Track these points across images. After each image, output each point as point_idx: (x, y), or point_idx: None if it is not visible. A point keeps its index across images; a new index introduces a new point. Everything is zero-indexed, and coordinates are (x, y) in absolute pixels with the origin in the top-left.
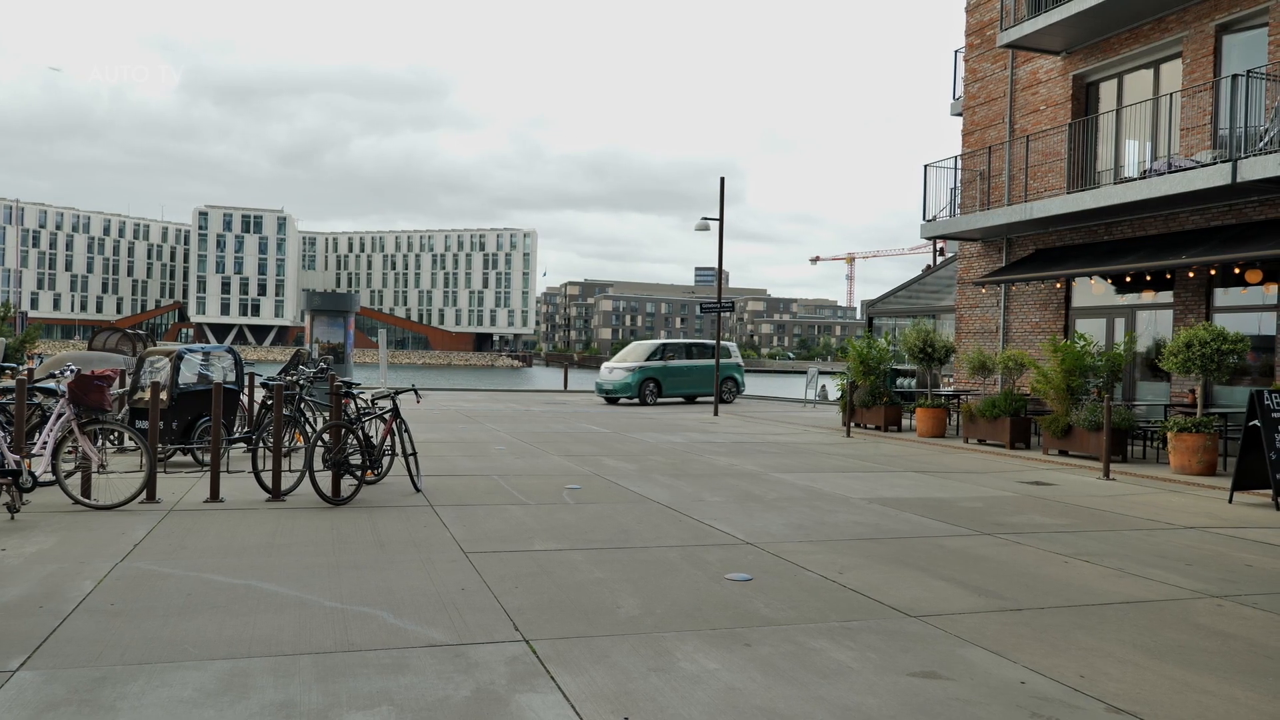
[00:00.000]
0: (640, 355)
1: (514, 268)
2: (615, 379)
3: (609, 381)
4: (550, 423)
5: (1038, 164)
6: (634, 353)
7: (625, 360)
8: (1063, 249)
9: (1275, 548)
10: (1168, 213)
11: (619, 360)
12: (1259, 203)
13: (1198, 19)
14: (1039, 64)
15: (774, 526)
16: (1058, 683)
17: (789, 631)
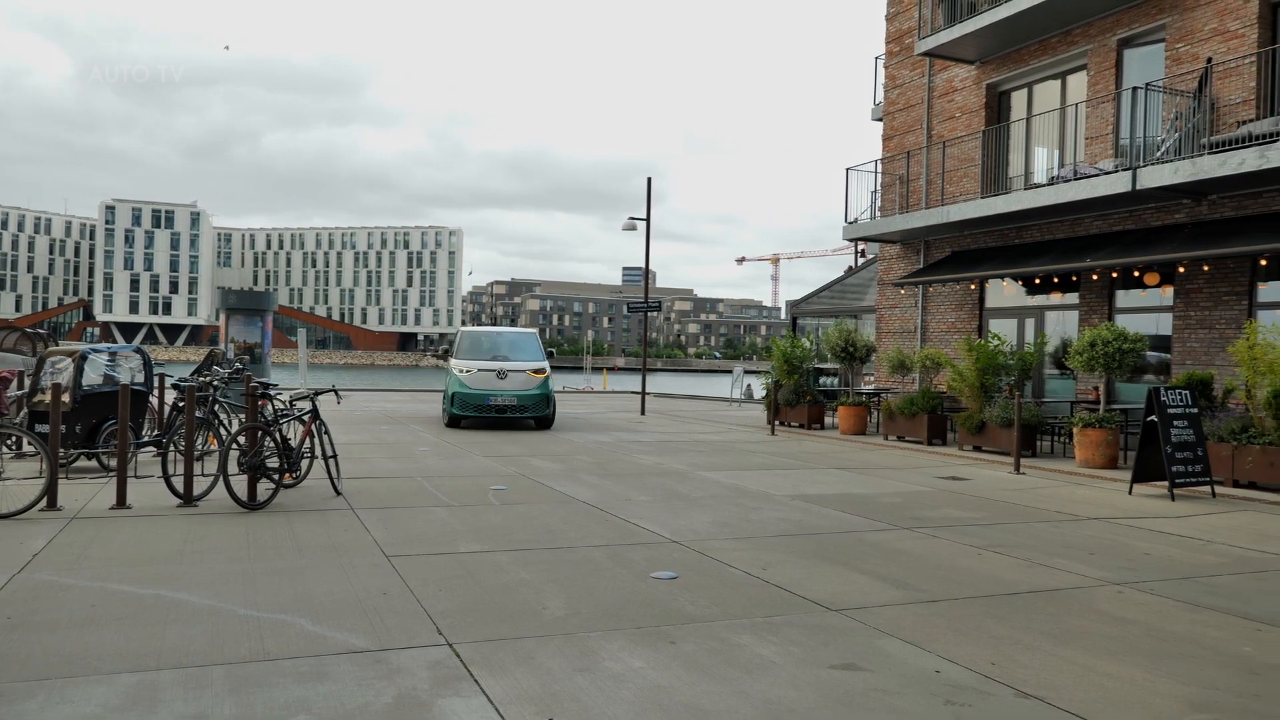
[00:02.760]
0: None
1: (439, 266)
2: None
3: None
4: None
5: (954, 169)
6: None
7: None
8: (977, 251)
9: (1170, 536)
10: (1074, 218)
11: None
12: (1157, 209)
13: (1101, 33)
14: (955, 72)
15: (699, 524)
16: (970, 670)
17: (714, 628)
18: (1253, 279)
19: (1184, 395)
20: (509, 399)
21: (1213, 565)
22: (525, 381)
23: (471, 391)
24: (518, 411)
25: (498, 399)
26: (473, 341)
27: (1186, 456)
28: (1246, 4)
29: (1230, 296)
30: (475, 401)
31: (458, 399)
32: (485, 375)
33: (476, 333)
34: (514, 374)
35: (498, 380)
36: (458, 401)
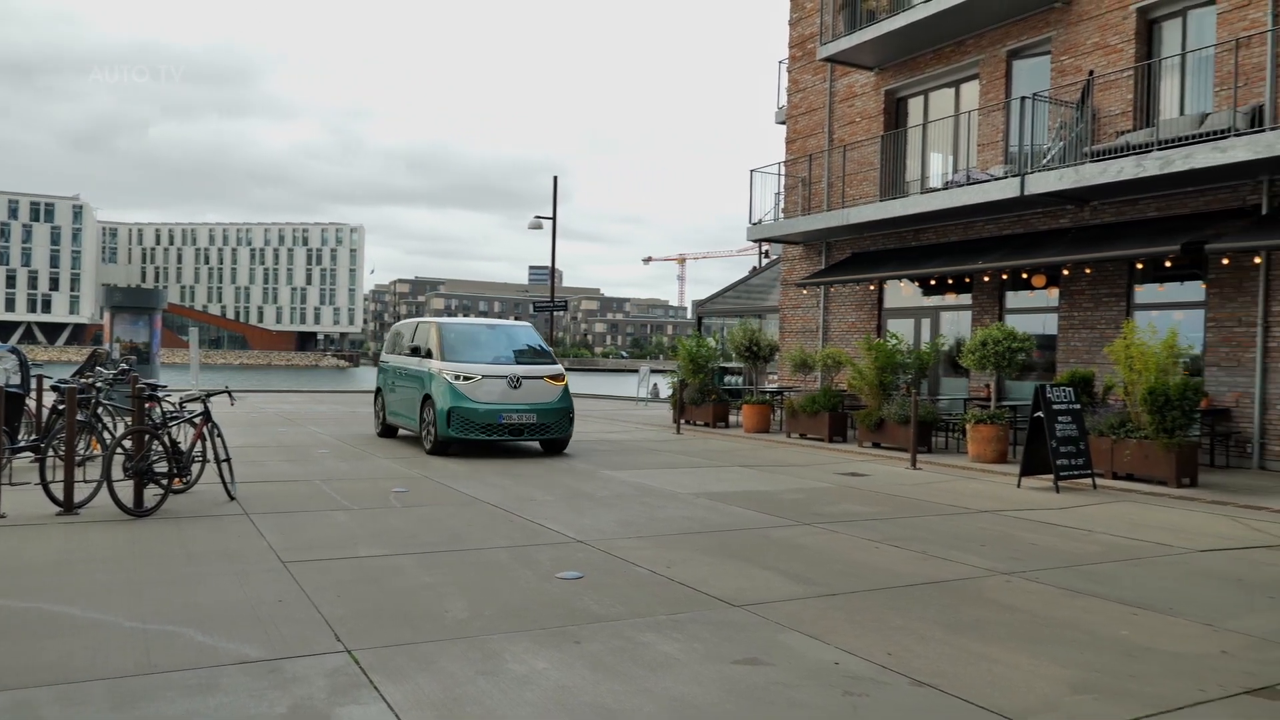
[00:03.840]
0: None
1: (340, 264)
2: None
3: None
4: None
5: (854, 172)
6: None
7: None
8: (876, 253)
9: (1055, 527)
10: (967, 221)
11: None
12: (1044, 214)
13: (992, 44)
14: (855, 78)
15: (605, 524)
16: (868, 661)
17: (618, 627)
18: (1130, 281)
19: (1068, 392)
20: (527, 415)
21: (1093, 554)
22: (544, 391)
23: (478, 406)
24: (538, 431)
25: (513, 415)
26: (462, 337)
27: (1070, 450)
28: (1125, 20)
29: (1110, 298)
30: (483, 419)
31: (457, 416)
32: (494, 384)
33: (463, 326)
34: (531, 381)
35: (511, 390)
36: (457, 419)
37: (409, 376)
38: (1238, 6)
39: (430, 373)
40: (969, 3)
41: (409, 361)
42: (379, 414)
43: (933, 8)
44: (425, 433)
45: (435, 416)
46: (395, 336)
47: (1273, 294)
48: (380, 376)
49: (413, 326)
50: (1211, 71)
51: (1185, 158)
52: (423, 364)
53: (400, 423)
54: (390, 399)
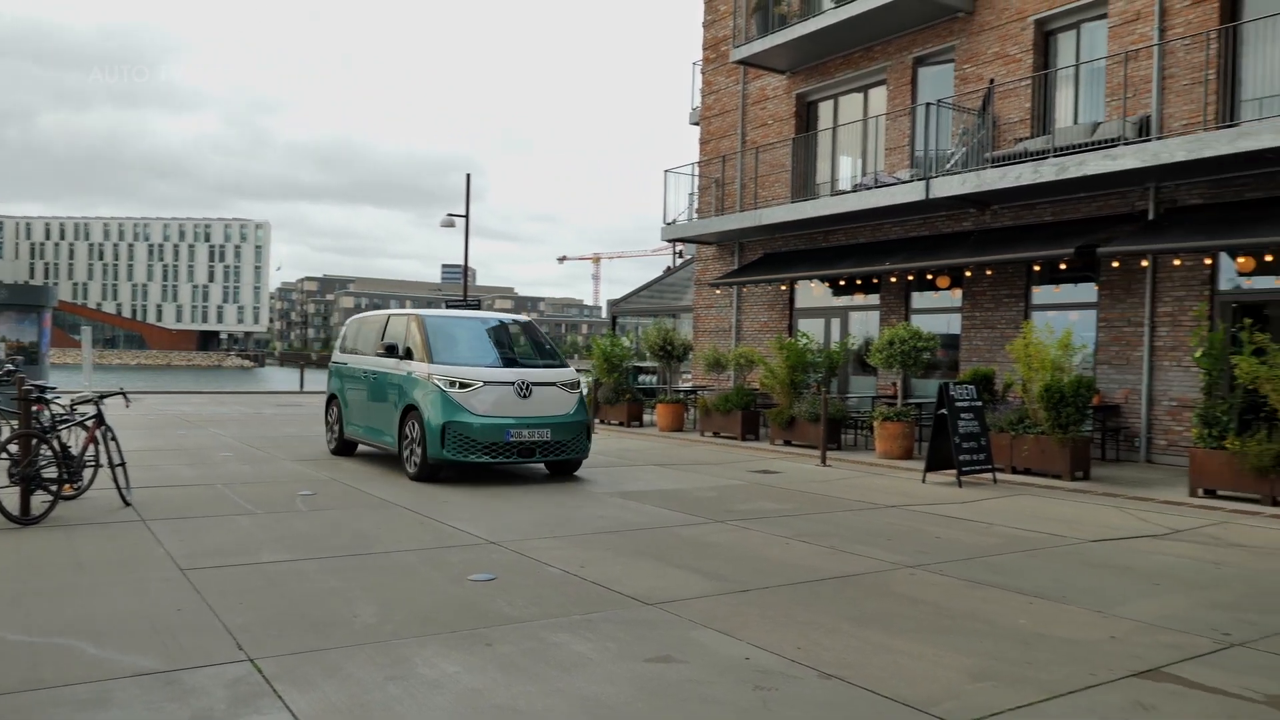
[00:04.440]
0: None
1: (244, 261)
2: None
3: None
4: (283, 426)
5: (766, 174)
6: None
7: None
8: (788, 254)
9: (957, 520)
10: (875, 223)
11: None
12: (948, 217)
13: (899, 51)
14: (767, 81)
15: (518, 524)
16: (778, 656)
17: (531, 628)
18: (1028, 283)
19: (970, 390)
20: (539, 431)
21: (993, 546)
22: (558, 401)
23: (479, 420)
24: (552, 451)
25: (522, 432)
26: (451, 333)
27: (972, 446)
28: (1023, 31)
29: (1010, 298)
30: (485, 437)
31: (454, 433)
32: (498, 392)
33: (451, 320)
34: (542, 390)
35: (519, 400)
36: (453, 438)
37: (380, 383)
38: (1127, 21)
39: (414, 378)
40: (876, 11)
41: (380, 364)
42: (332, 426)
43: (841, 14)
44: (407, 453)
45: (424, 433)
46: (356, 332)
47: (1159, 296)
48: (334, 381)
49: (381, 321)
50: (1103, 83)
51: (1079, 165)
52: (401, 367)
53: (365, 438)
54: (351, 409)
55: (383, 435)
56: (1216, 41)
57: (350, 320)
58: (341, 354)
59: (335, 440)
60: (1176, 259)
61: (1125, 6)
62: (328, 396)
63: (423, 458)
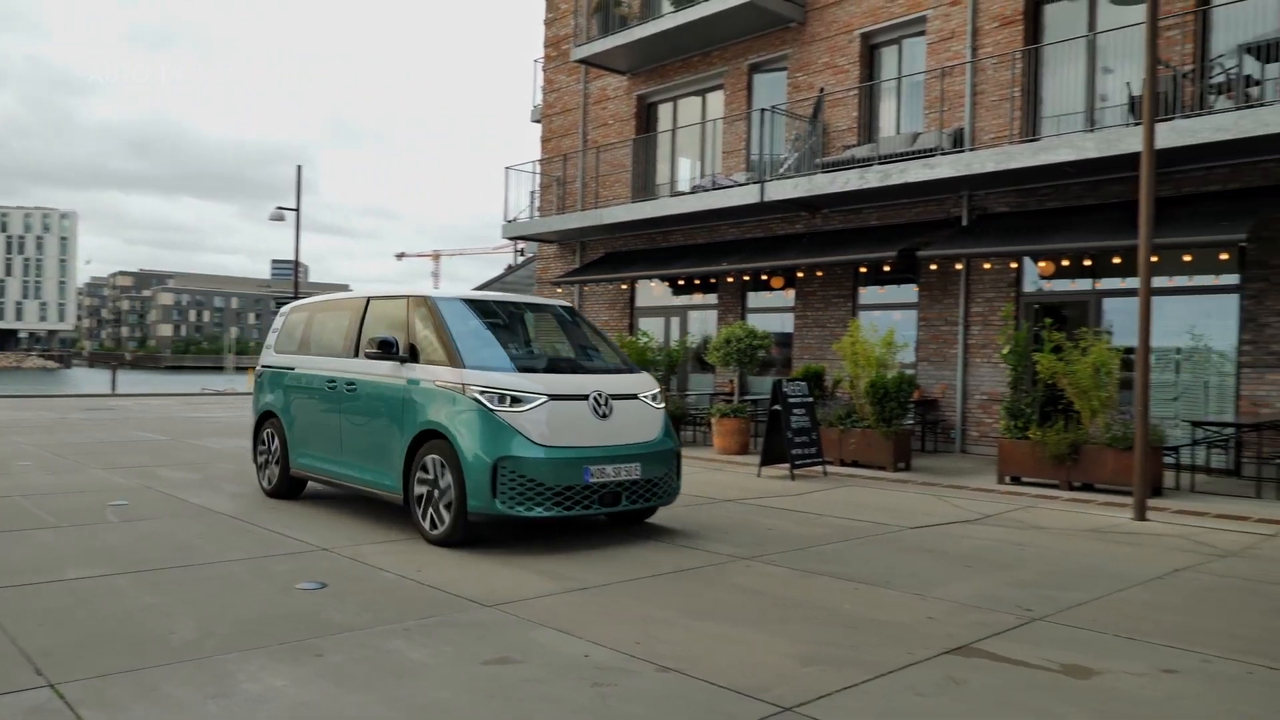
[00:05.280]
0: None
1: (47, 254)
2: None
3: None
4: (93, 431)
5: (607, 174)
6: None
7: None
8: (629, 253)
9: (791, 512)
10: (713, 224)
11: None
12: (781, 219)
13: (735, 57)
14: (608, 81)
15: (351, 530)
16: (617, 651)
17: (364, 636)
18: (856, 284)
19: (801, 386)
20: (627, 467)
21: (823, 535)
22: (643, 420)
23: (546, 454)
24: (642, 495)
25: (605, 469)
26: (481, 324)
27: (804, 440)
28: (850, 44)
29: (839, 299)
30: (556, 478)
31: (510, 474)
32: (569, 412)
33: (474, 306)
34: (624, 406)
35: (597, 421)
36: (509, 480)
37: (366, 397)
38: (943, 39)
39: (433, 390)
40: (712, 17)
41: (363, 370)
42: (269, 458)
43: (679, 19)
44: (427, 506)
45: (459, 474)
46: (305, 325)
47: (972, 297)
48: (270, 394)
49: (354, 307)
50: (923, 95)
51: (901, 172)
52: (404, 373)
53: (335, 477)
54: (304, 434)
55: (374, 475)
56: (1021, 61)
57: (291, 309)
58: (280, 355)
59: (274, 477)
60: (987, 263)
61: (941, 25)
62: (258, 415)
63: (458, 512)
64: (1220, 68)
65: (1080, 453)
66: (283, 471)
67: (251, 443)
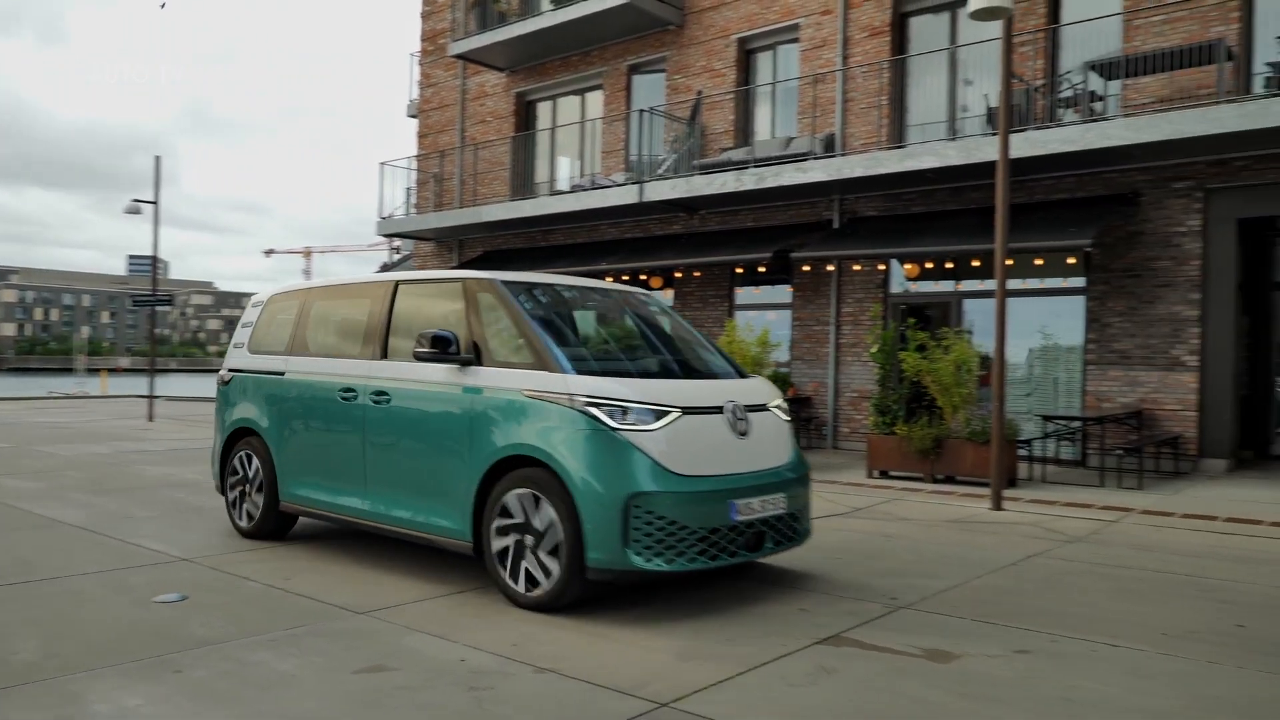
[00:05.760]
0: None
1: None
2: None
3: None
4: None
5: (486, 171)
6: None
7: None
8: (508, 252)
9: None
10: (592, 224)
11: None
12: (660, 219)
13: (615, 57)
14: (487, 78)
15: (213, 538)
16: (494, 655)
17: (227, 649)
18: (732, 284)
19: None
20: (774, 495)
21: None
22: (778, 440)
23: (688, 486)
24: (785, 534)
25: (753, 503)
26: (564, 317)
27: None
28: (727, 48)
29: (716, 298)
30: (703, 518)
31: (646, 515)
32: (707, 430)
33: (548, 292)
34: (759, 419)
35: (737, 442)
36: (645, 523)
37: (404, 412)
38: (815, 47)
39: (521, 402)
40: (591, 17)
41: (401, 374)
42: (247, 487)
43: (558, 18)
44: (517, 559)
45: (574, 517)
46: (296, 319)
47: (843, 297)
48: (247, 406)
49: (382, 294)
50: (796, 101)
51: (775, 176)
52: (464, 379)
53: (355, 513)
54: (303, 458)
55: (421, 514)
56: (889, 71)
57: (271, 297)
58: (259, 356)
59: (257, 511)
60: (856, 264)
61: (814, 33)
62: (227, 433)
63: (571, 567)
64: (1068, 83)
65: (943, 447)
66: (269, 504)
67: (216, 468)
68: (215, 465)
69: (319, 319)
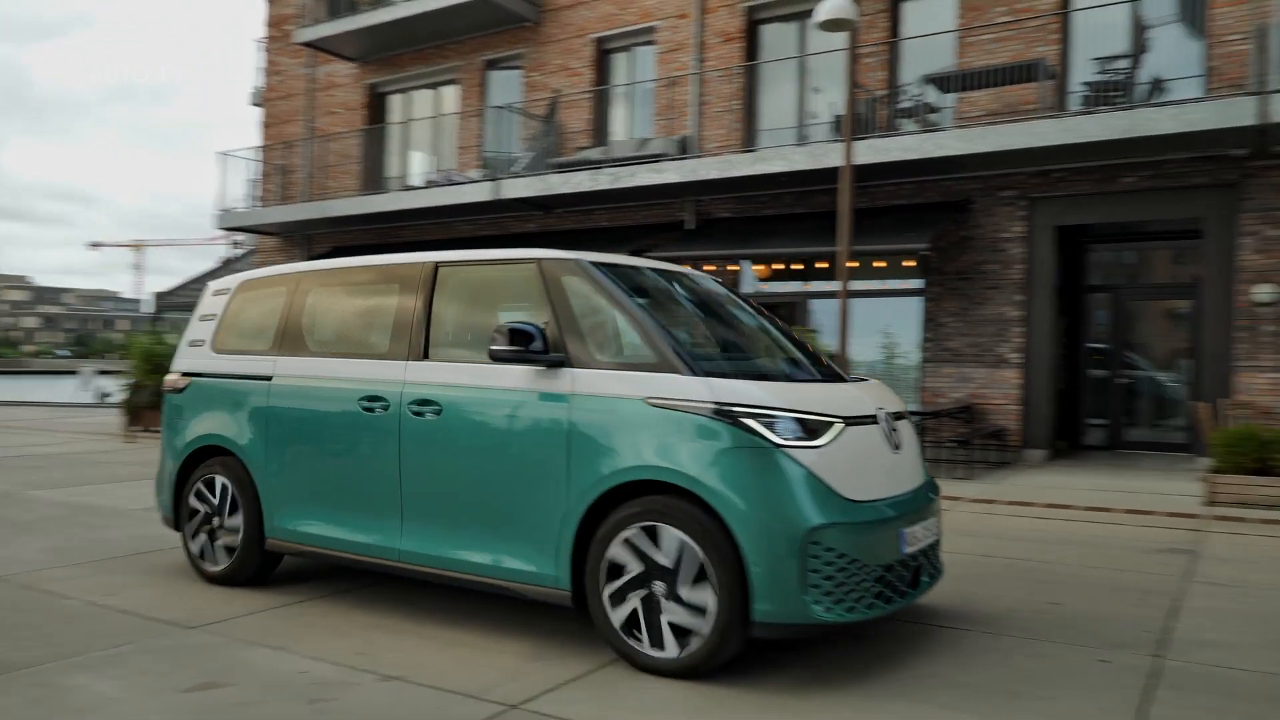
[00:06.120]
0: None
1: None
2: None
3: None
4: None
5: (336, 164)
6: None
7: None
8: (359, 249)
9: None
10: (447, 221)
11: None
12: (516, 218)
13: (471, 52)
14: (336, 67)
15: (28, 553)
16: (337, 665)
17: (39, 673)
18: None
19: None
20: (928, 521)
21: None
22: (917, 452)
23: (862, 515)
24: (934, 566)
25: (917, 530)
26: (667, 306)
27: None
28: (584, 47)
29: None
30: (878, 554)
31: (827, 552)
32: (866, 444)
33: (643, 277)
34: (904, 429)
35: (893, 458)
36: (828, 564)
37: (465, 426)
38: (671, 49)
39: (644, 414)
40: (446, 10)
41: (456, 379)
42: (217, 522)
43: (412, 9)
44: (650, 614)
45: (741, 561)
46: (296, 304)
47: None
48: (216, 418)
49: (417, 277)
50: (652, 102)
51: (630, 176)
52: (551, 385)
53: (387, 554)
54: (311, 484)
55: (491, 554)
56: (742, 77)
57: (242, 283)
58: (229, 357)
59: (237, 550)
60: (709, 265)
61: (670, 36)
62: (185, 453)
63: (726, 622)
64: (908, 95)
65: None
66: (250, 541)
67: (167, 497)
68: (166, 493)
69: (320, 310)
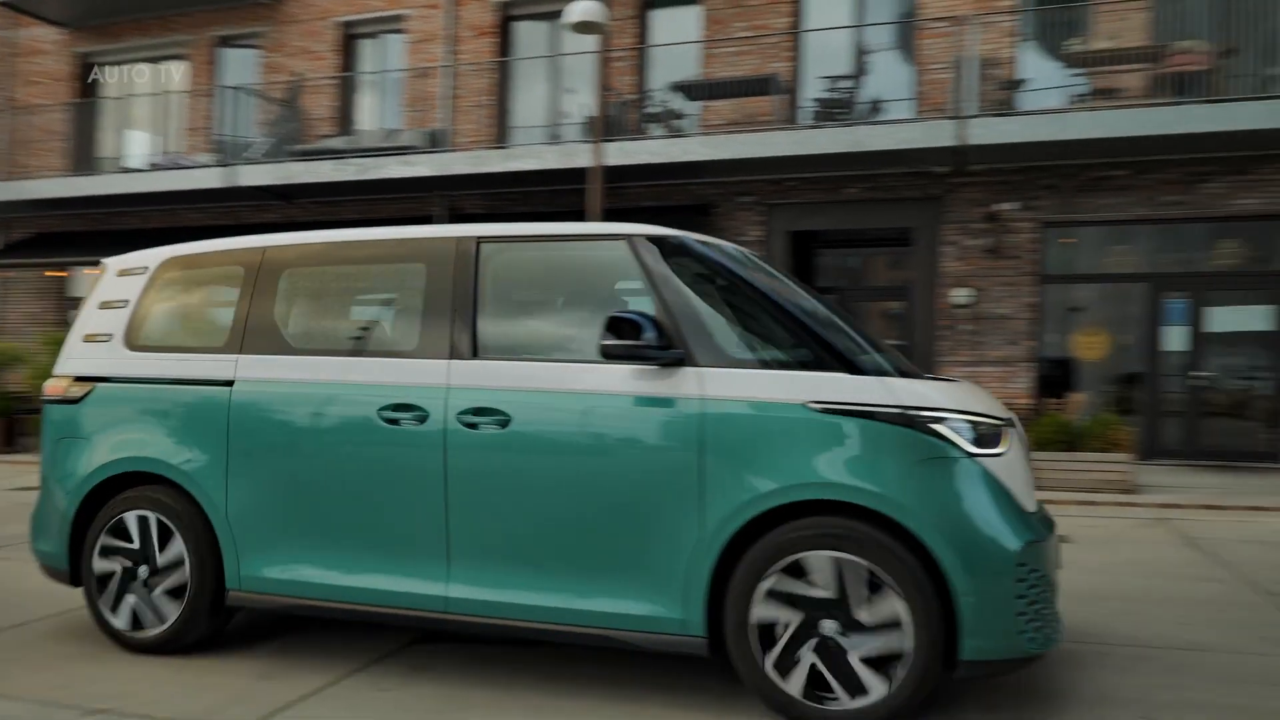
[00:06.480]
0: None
1: None
2: None
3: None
4: None
5: (40, 140)
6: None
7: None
8: (66, 235)
9: None
10: (173, 208)
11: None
12: (253, 207)
13: (201, 26)
14: (40, 32)
15: None
16: (34, 702)
17: None
18: None
19: None
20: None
21: None
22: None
23: (1046, 529)
24: None
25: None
26: (788, 298)
27: None
28: (328, 31)
29: None
30: (1057, 574)
31: (1032, 573)
32: (1022, 451)
33: (741, 262)
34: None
35: (1029, 463)
36: (1033, 585)
37: (546, 441)
38: (422, 40)
39: (802, 420)
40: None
41: (510, 378)
42: (147, 570)
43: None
44: (837, 664)
45: (951, 595)
46: (263, 289)
47: None
48: (154, 435)
49: (449, 256)
50: (402, 93)
51: (378, 167)
52: (672, 388)
53: (417, 603)
54: (309, 519)
55: (590, 598)
56: (495, 73)
57: (166, 264)
58: (155, 356)
59: (174, 608)
60: None
61: (421, 26)
62: (93, 482)
63: (924, 667)
64: (656, 100)
65: None
66: (203, 596)
67: (61, 540)
68: (60, 536)
69: (306, 296)
